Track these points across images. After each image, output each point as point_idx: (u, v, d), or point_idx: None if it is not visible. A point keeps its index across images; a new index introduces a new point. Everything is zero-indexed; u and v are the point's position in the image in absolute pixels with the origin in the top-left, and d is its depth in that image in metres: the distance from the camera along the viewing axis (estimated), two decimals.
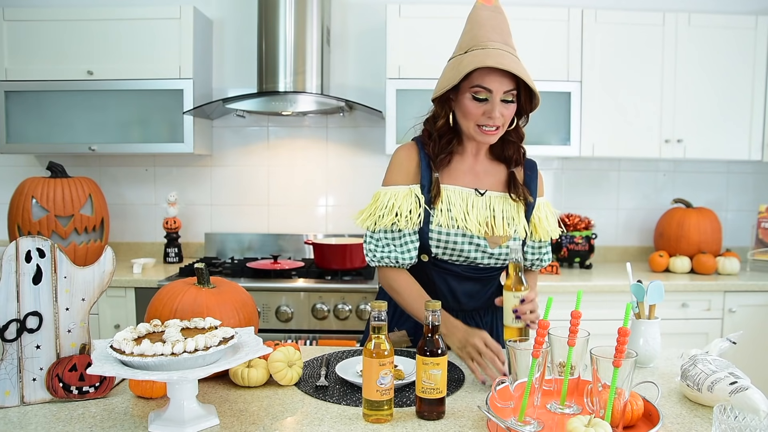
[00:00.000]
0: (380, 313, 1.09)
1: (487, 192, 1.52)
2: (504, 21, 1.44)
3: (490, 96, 1.39)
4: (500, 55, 1.36)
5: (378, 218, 1.49)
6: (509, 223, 1.51)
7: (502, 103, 1.40)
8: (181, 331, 1.15)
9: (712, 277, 2.88)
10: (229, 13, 3.20)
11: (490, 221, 1.50)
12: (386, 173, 1.55)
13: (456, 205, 1.48)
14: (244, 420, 1.11)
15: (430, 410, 1.11)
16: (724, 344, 1.32)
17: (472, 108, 1.41)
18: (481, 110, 1.41)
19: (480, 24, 1.42)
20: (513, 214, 1.53)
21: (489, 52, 1.36)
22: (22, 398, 1.19)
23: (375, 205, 1.51)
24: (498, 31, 1.41)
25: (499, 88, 1.38)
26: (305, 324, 2.61)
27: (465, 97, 1.42)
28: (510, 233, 1.51)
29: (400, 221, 1.47)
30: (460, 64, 1.39)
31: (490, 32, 1.40)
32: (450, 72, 1.43)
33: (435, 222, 1.48)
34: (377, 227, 1.50)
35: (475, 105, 1.41)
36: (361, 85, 3.19)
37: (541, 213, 1.58)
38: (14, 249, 1.19)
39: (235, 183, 3.27)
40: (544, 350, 1.04)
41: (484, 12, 1.43)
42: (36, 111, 2.90)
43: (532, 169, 1.59)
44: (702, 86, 2.94)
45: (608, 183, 3.33)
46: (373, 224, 1.50)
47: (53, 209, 2.70)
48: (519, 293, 1.34)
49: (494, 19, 1.42)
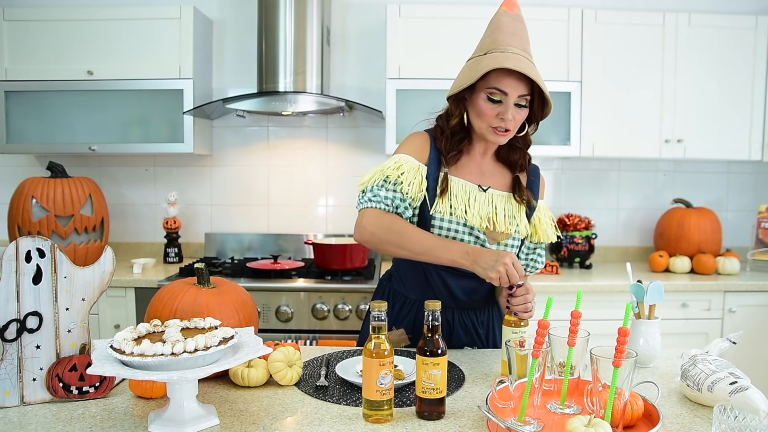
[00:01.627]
0: (380, 313, 1.09)
1: (489, 189, 1.54)
2: (524, 29, 1.47)
3: (504, 98, 1.41)
4: (518, 59, 1.38)
5: (382, 176, 1.46)
6: (510, 221, 1.53)
7: (515, 107, 1.42)
8: (181, 331, 1.15)
9: (712, 277, 2.88)
10: (229, 13, 3.20)
11: (491, 216, 1.51)
12: (398, 147, 1.55)
13: (458, 196, 1.49)
14: (244, 420, 1.11)
15: (430, 410, 1.12)
16: (724, 344, 1.32)
17: (486, 109, 1.43)
18: (495, 111, 1.43)
19: (501, 29, 1.44)
20: (514, 213, 1.54)
21: (508, 56, 1.39)
22: (22, 398, 1.19)
23: (383, 165, 1.49)
24: (518, 37, 1.44)
25: (514, 91, 1.41)
26: (305, 324, 2.61)
27: (480, 97, 1.44)
28: (511, 231, 1.53)
29: (403, 185, 1.44)
30: (479, 64, 1.41)
31: (510, 37, 1.43)
32: (468, 71, 1.44)
33: (436, 209, 1.48)
34: (382, 183, 1.46)
35: (490, 106, 1.43)
36: (361, 85, 3.19)
37: (541, 215, 1.59)
38: (14, 249, 1.19)
39: (235, 183, 3.27)
40: (544, 350, 1.04)
41: (506, 18, 1.46)
42: (36, 111, 2.90)
43: (535, 173, 1.62)
44: (702, 86, 2.94)
45: (608, 183, 3.33)
46: (379, 180, 1.46)
47: (53, 209, 2.70)
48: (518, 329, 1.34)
49: (515, 26, 1.45)
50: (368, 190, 1.47)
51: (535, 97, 1.45)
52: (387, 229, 1.42)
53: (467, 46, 3.15)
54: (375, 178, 1.47)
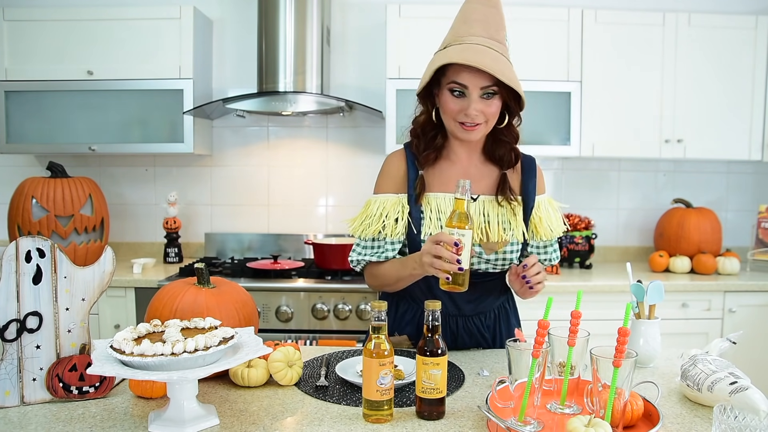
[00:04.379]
0: (380, 313, 1.09)
1: (479, 197, 1.48)
2: (495, 14, 1.38)
3: (466, 91, 1.36)
4: (475, 50, 1.32)
5: (366, 226, 1.49)
6: (505, 228, 1.47)
7: (483, 100, 1.37)
8: (181, 331, 1.15)
9: (712, 277, 2.88)
10: (229, 13, 3.20)
11: (484, 227, 1.46)
12: (376, 180, 1.55)
13: (447, 213, 1.44)
14: (244, 420, 1.11)
15: (430, 410, 1.11)
16: (724, 344, 1.32)
17: (450, 104, 1.39)
18: (458, 106, 1.38)
19: (465, 18, 1.39)
20: (509, 218, 1.48)
21: (465, 48, 1.33)
22: (22, 398, 1.19)
23: (365, 212, 1.51)
24: (484, 24, 1.36)
25: (475, 84, 1.35)
26: (305, 324, 2.61)
27: (444, 93, 1.40)
28: (507, 238, 1.47)
29: (385, 229, 1.47)
30: (436, 60, 1.38)
31: (474, 26, 1.36)
32: (428, 67, 1.41)
33: (425, 231, 1.45)
34: (365, 235, 1.50)
35: (453, 100, 1.38)
36: (361, 85, 3.19)
37: (541, 212, 1.52)
38: (14, 249, 1.19)
39: (235, 183, 3.27)
40: (544, 350, 1.04)
41: (474, 5, 1.39)
42: (36, 111, 2.90)
43: (530, 166, 1.54)
44: (702, 86, 2.94)
45: (608, 183, 3.33)
46: (362, 232, 1.51)
47: (53, 209, 2.70)
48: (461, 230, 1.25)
49: (483, 12, 1.37)
50: (355, 246, 1.54)
51: (507, 89, 1.36)
52: (372, 278, 1.55)
53: None
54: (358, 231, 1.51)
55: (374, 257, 1.50)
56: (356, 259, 1.54)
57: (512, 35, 1.46)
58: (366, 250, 1.52)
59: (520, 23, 2.82)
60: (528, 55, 2.84)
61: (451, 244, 1.23)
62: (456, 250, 1.23)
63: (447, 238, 1.24)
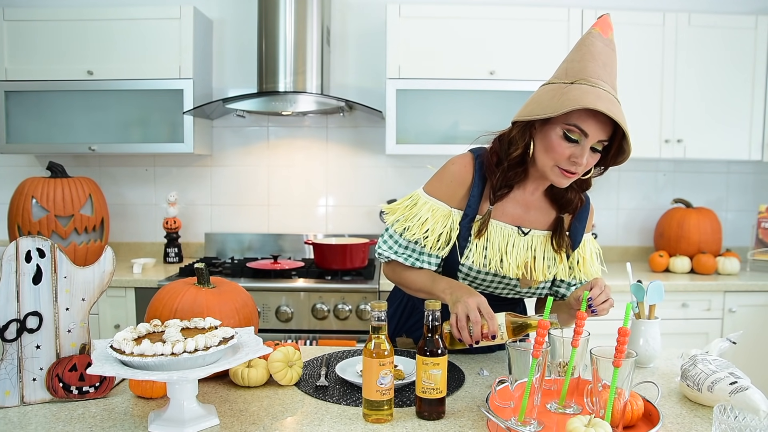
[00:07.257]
0: (380, 314, 1.09)
1: (531, 231, 1.41)
2: (615, 59, 1.29)
3: (582, 140, 1.24)
4: (610, 101, 1.21)
5: (406, 229, 1.40)
6: (549, 266, 1.41)
7: (590, 151, 1.26)
8: (181, 331, 1.15)
9: (712, 277, 2.88)
10: (229, 13, 3.20)
11: (529, 263, 1.39)
12: (434, 177, 1.43)
13: (495, 243, 1.38)
14: (244, 420, 1.11)
15: (430, 410, 1.11)
16: (724, 344, 1.32)
17: (559, 146, 1.25)
18: (569, 151, 1.25)
19: (593, 56, 1.26)
20: (555, 255, 1.42)
21: (599, 94, 1.21)
22: (22, 398, 1.19)
23: (410, 211, 1.41)
24: (608, 69, 1.26)
25: (596, 134, 1.23)
26: (305, 324, 2.61)
27: (554, 131, 1.26)
28: (548, 276, 1.41)
29: (427, 241, 1.37)
30: (564, 95, 1.23)
31: (602, 69, 1.25)
32: (548, 98, 1.26)
33: (467, 257, 1.38)
34: (403, 235, 1.41)
35: (565, 144, 1.25)
36: (361, 85, 3.19)
37: (585, 252, 1.46)
38: (14, 249, 1.19)
39: (235, 183, 3.27)
40: (544, 350, 1.04)
41: (599, 43, 1.28)
42: (36, 111, 2.89)
43: (585, 206, 1.46)
44: (702, 86, 2.94)
45: (608, 183, 3.33)
46: (400, 229, 1.41)
47: (53, 209, 2.70)
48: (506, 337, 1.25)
49: (607, 54, 1.27)
50: (387, 237, 1.44)
51: (613, 143, 1.27)
52: (394, 273, 1.49)
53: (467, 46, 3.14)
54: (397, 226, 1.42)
55: (407, 262, 1.42)
56: (386, 255, 1.44)
57: (512, 35, 1.45)
58: (400, 249, 1.42)
59: (520, 23, 2.82)
60: (528, 55, 2.84)
61: (489, 337, 1.22)
62: (483, 336, 1.22)
63: (492, 327, 1.21)
